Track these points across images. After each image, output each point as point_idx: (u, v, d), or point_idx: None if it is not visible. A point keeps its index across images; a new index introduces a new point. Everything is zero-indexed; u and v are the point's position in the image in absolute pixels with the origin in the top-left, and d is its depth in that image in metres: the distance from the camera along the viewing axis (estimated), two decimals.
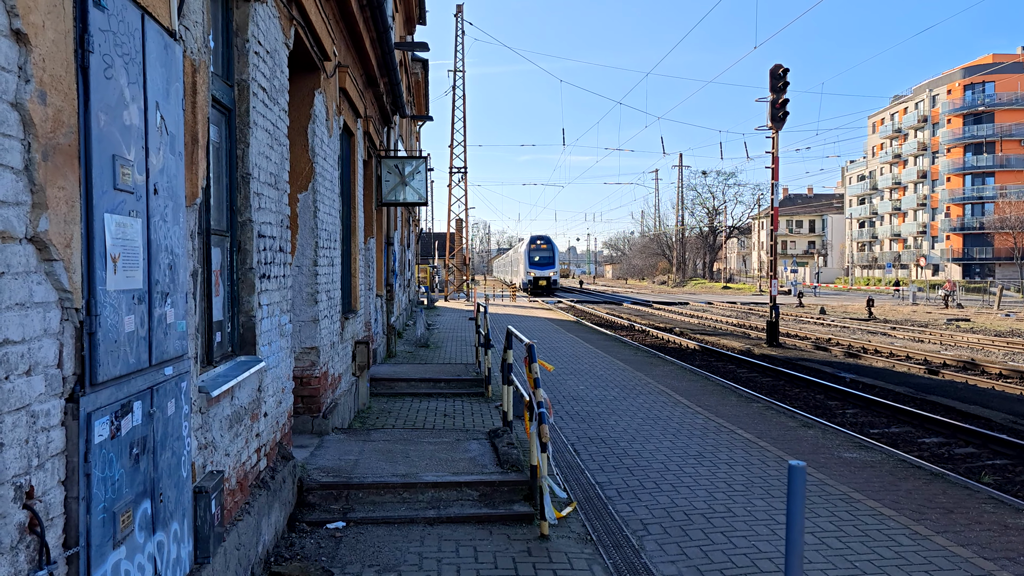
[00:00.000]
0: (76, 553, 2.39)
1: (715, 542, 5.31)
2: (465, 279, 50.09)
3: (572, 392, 11.38)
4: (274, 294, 5.25)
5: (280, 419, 5.47)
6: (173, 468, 3.14)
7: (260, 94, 4.93)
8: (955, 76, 73.84)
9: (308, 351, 7.01)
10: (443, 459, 6.53)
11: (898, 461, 7.54)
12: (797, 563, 3.48)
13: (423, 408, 9.93)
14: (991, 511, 5.97)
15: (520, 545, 5.18)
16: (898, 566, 4.88)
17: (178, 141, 3.24)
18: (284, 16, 5.64)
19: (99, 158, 2.50)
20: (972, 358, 18.14)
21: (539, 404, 5.47)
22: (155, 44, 2.98)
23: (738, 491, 6.44)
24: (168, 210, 3.11)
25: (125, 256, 2.69)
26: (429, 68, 27.61)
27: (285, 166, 5.69)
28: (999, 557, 5.03)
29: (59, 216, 2.30)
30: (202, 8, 3.73)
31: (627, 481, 6.74)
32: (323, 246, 7.23)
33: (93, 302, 2.47)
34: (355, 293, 9.66)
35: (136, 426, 2.77)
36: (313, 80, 6.98)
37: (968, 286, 60.33)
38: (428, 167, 14.26)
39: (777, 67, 21.53)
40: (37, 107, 2.18)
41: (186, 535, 3.33)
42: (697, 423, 9.19)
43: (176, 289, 3.20)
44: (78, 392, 2.42)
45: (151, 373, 2.92)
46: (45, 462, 2.27)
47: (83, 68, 2.42)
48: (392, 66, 10.57)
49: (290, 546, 5.09)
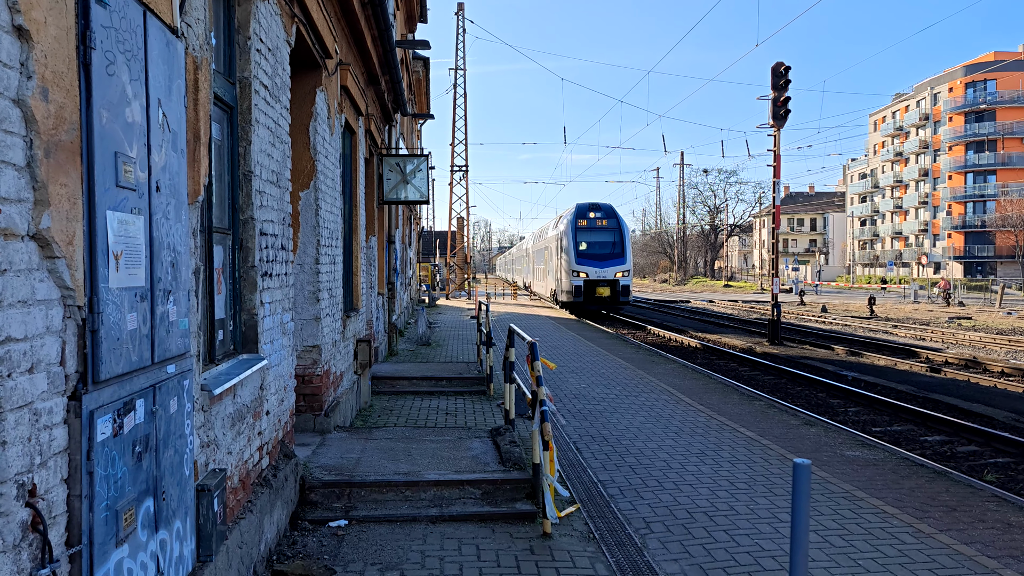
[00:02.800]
0: (79, 551, 2.39)
1: (718, 540, 5.30)
2: (467, 277, 50.10)
3: (574, 390, 11.37)
4: (276, 292, 5.24)
5: (282, 417, 5.46)
6: (176, 466, 3.13)
7: (262, 92, 4.92)
8: (956, 74, 73.73)
9: (310, 349, 7.01)
10: (445, 457, 6.52)
11: (901, 459, 7.53)
12: (802, 561, 3.47)
13: (425, 406, 9.92)
14: (994, 509, 5.96)
15: (523, 543, 5.17)
16: (901, 564, 4.87)
17: (180, 138, 3.23)
18: (286, 14, 5.63)
19: (101, 155, 2.49)
20: (974, 356, 18.12)
21: (542, 402, 5.46)
22: (157, 41, 2.97)
23: (741, 489, 6.43)
24: (170, 208, 3.10)
25: (127, 254, 2.68)
26: (430, 66, 27.59)
27: (287, 164, 5.68)
28: (1002, 555, 5.01)
29: (61, 213, 2.29)
30: (204, 5, 3.72)
31: (629, 479, 6.73)
32: (325, 244, 7.22)
33: (95, 300, 2.46)
34: (357, 291, 9.65)
35: (139, 424, 2.76)
36: (315, 78, 6.97)
37: (970, 284, 60.29)
38: (429, 165, 14.24)
39: (779, 65, 21.50)
40: (39, 104, 2.17)
41: (189, 533, 3.32)
42: (699, 421, 9.17)
43: (178, 287, 3.19)
44: (81, 390, 2.41)
45: (154, 371, 2.91)
46: (48, 460, 2.26)
47: (85, 65, 2.41)
48: (393, 64, 10.56)
49: (292, 544, 5.08)
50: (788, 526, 5.47)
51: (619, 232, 30.61)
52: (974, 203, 72.94)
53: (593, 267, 29.44)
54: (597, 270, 29.38)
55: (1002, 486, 7.98)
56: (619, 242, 30.35)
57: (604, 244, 30.34)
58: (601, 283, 29.29)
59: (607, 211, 31.22)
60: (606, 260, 29.75)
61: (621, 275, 29.49)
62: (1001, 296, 39.39)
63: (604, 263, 29.64)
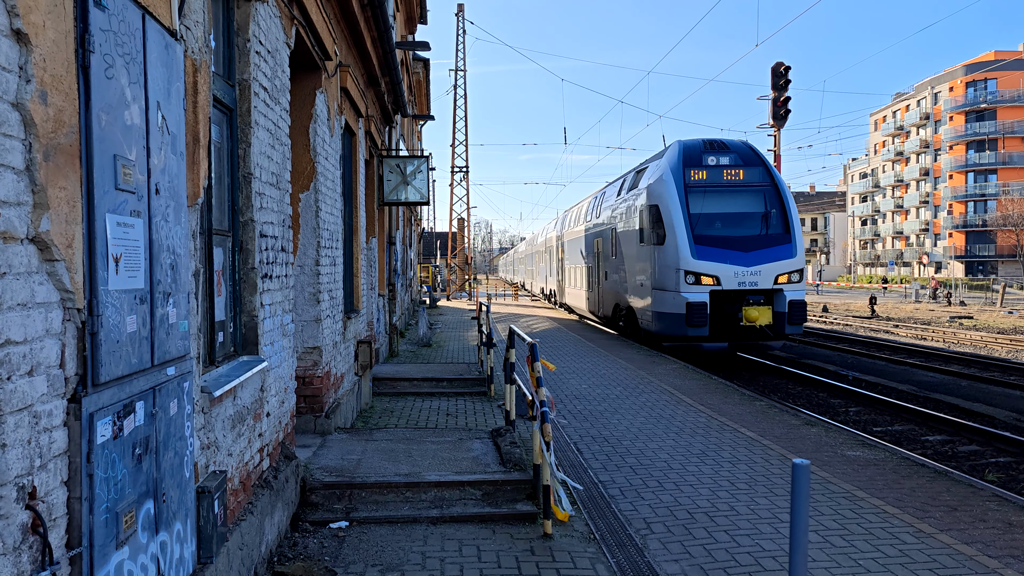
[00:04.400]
0: (79, 553, 2.39)
1: (718, 540, 5.30)
2: (467, 278, 50.10)
3: (575, 391, 11.37)
4: (276, 294, 5.24)
5: (283, 419, 5.47)
6: (176, 468, 3.14)
7: (262, 93, 4.93)
8: (957, 73, 73.70)
9: (311, 351, 7.01)
10: (446, 458, 6.52)
11: (901, 459, 7.52)
12: (802, 561, 3.47)
13: (426, 407, 9.93)
14: (995, 509, 5.95)
15: (523, 544, 5.17)
16: (902, 564, 4.87)
17: (179, 141, 3.24)
18: (285, 16, 5.63)
19: (100, 158, 2.49)
20: (975, 355, 18.10)
21: (542, 403, 5.47)
22: (156, 44, 2.97)
23: (741, 489, 6.42)
24: (170, 210, 3.10)
25: (127, 256, 2.68)
26: (430, 67, 27.61)
27: (287, 166, 5.69)
28: (1003, 555, 5.01)
29: (61, 216, 2.29)
30: (203, 8, 3.73)
31: (630, 480, 6.73)
32: (325, 246, 7.22)
33: (95, 302, 2.46)
34: (357, 292, 9.66)
35: (139, 426, 2.77)
36: (315, 79, 6.97)
37: (971, 283, 60.25)
38: (430, 166, 14.23)
39: (779, 65, 21.51)
40: (38, 107, 2.18)
41: (189, 535, 3.33)
42: (700, 421, 9.17)
43: (178, 289, 3.20)
44: (80, 392, 2.42)
45: (153, 373, 2.91)
46: (48, 462, 2.27)
47: (84, 68, 2.42)
48: (393, 65, 10.57)
49: (293, 546, 5.08)
50: (789, 526, 5.47)
51: (774, 192, 15.97)
52: (975, 202, 72.90)
53: (730, 264, 15.21)
54: (739, 270, 15.19)
55: (1003, 486, 7.97)
56: (776, 212, 15.86)
57: (746, 219, 15.86)
58: (749, 295, 15.28)
59: (743, 153, 16.37)
60: (755, 249, 15.48)
61: (786, 279, 15.32)
62: (1002, 295, 39.38)
63: (752, 256, 15.39)
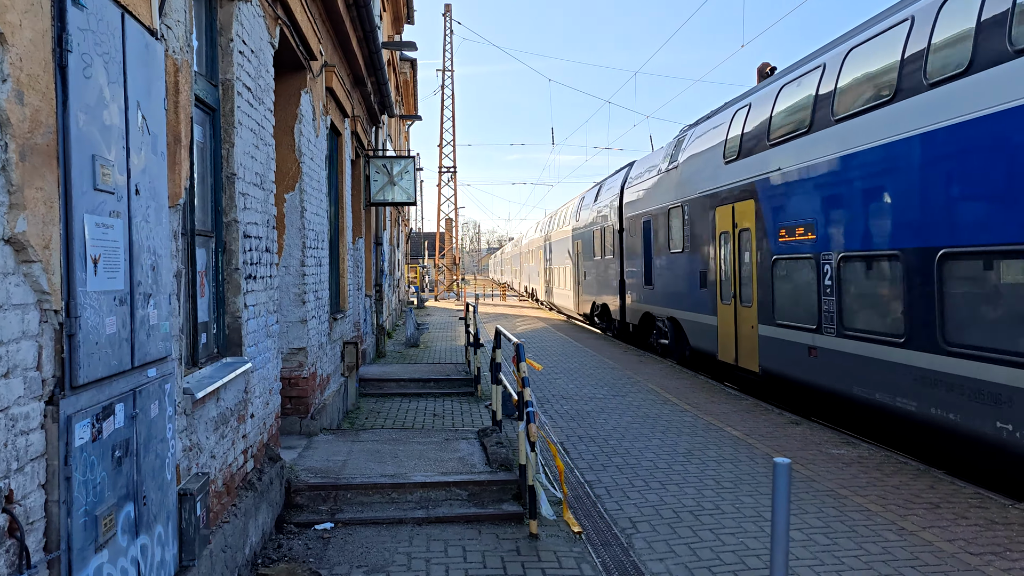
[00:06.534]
0: (57, 557, 2.37)
1: (704, 539, 5.32)
2: (455, 279, 50.06)
3: (562, 391, 11.38)
4: (260, 295, 5.22)
5: (267, 420, 5.44)
6: (157, 471, 3.12)
7: (245, 93, 4.91)
8: None
9: (296, 352, 6.98)
10: (432, 459, 6.51)
11: (885, 456, 7.58)
12: (782, 560, 3.49)
13: (412, 408, 9.91)
14: (977, 506, 6.01)
15: (509, 544, 5.17)
16: (884, 561, 4.91)
17: (160, 141, 3.22)
18: (269, 15, 5.61)
19: (78, 158, 2.48)
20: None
21: (527, 403, 5.47)
22: (136, 43, 2.95)
23: (727, 488, 6.45)
24: (150, 211, 3.08)
25: (106, 257, 2.66)
26: (418, 67, 27.58)
27: (271, 166, 5.66)
28: (984, 552, 5.06)
29: (37, 217, 2.28)
30: (184, 7, 3.71)
31: (616, 479, 6.75)
32: (311, 246, 7.20)
33: (73, 304, 2.45)
34: (344, 293, 9.63)
35: (118, 428, 2.75)
36: (300, 80, 6.95)
37: None
38: (417, 166, 14.23)
39: (764, 65, 21.59)
40: (14, 106, 2.16)
41: (171, 538, 3.31)
42: (686, 421, 9.20)
43: (159, 290, 3.17)
44: (58, 395, 2.40)
45: (134, 375, 2.89)
46: (25, 465, 2.25)
47: (62, 67, 2.40)
48: (379, 66, 10.54)
49: (278, 547, 5.06)
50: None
51: None
52: None
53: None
54: None
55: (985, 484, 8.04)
56: None
57: None
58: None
59: None
60: None
61: None
62: None
63: None
